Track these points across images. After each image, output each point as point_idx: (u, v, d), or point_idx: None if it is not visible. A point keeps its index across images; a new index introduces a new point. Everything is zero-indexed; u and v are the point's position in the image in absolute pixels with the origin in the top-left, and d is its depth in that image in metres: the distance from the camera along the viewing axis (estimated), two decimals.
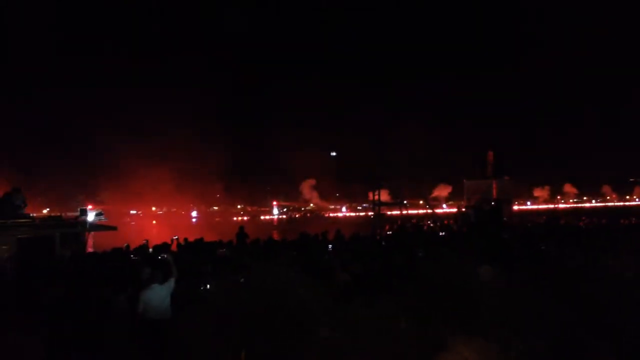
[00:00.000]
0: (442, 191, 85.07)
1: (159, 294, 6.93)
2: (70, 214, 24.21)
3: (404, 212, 28.97)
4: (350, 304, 3.90)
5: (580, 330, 3.61)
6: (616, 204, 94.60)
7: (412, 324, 3.38)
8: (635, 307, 4.25)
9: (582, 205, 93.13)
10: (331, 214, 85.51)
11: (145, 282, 7.28)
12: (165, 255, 8.27)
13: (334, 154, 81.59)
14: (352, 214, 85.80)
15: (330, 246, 12.51)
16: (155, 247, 12.85)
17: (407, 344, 3.12)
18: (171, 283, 7.17)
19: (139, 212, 64.51)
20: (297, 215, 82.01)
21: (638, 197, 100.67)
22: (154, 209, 69.41)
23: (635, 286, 5.36)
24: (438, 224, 25.56)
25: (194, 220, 67.69)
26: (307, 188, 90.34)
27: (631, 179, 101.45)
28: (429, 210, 40.48)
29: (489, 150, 30.25)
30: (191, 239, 15.01)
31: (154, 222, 57.00)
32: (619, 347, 3.39)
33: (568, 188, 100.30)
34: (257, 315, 3.27)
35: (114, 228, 16.80)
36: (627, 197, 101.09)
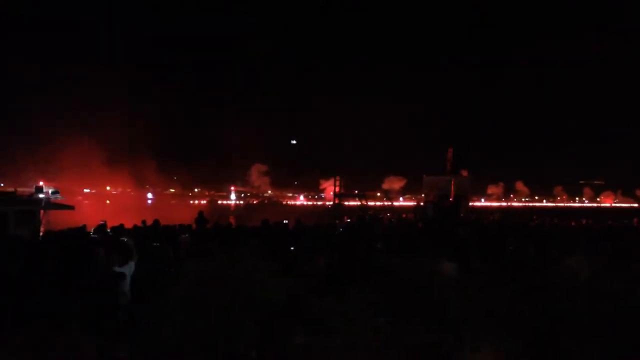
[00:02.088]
0: (394, 184, 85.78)
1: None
2: (21, 189, 23.32)
3: (363, 203, 29.20)
4: (323, 296, 3.88)
5: (549, 328, 3.68)
6: (566, 204, 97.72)
7: (388, 320, 3.38)
8: (595, 306, 4.37)
9: (534, 204, 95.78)
10: (289, 202, 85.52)
11: (102, 264, 7.10)
12: (125, 238, 8.10)
13: (294, 142, 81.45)
14: (310, 203, 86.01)
15: (291, 235, 12.49)
16: (113, 228, 12.57)
17: (387, 341, 3.12)
18: (131, 267, 7.01)
19: (93, 191, 62.94)
20: (254, 202, 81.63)
21: (587, 199, 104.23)
22: (108, 188, 67.91)
23: (593, 286, 5.51)
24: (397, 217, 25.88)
25: (149, 202, 66.56)
26: (256, 173, 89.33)
27: (581, 182, 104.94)
28: (387, 203, 40.97)
29: (449, 147, 30.77)
30: (148, 221, 14.76)
31: (108, 202, 55.79)
32: (589, 346, 3.48)
33: (520, 186, 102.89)
34: (227, 306, 3.21)
35: (71, 207, 16.35)
36: (577, 198, 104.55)
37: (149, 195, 70.07)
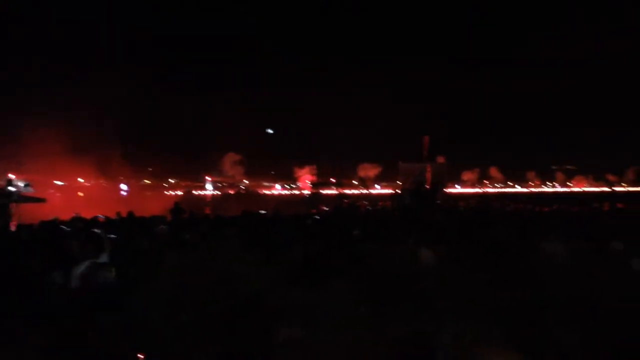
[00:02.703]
0: (369, 171, 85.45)
1: (92, 270, 6.64)
2: None
3: (340, 191, 29.23)
4: (305, 286, 3.83)
5: (532, 313, 3.70)
6: (539, 190, 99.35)
7: (369, 309, 3.35)
8: (576, 290, 4.41)
9: (508, 190, 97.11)
10: (266, 192, 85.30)
11: (77, 257, 6.96)
12: (98, 230, 7.94)
13: (270, 131, 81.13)
14: (287, 192, 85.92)
15: (269, 225, 12.43)
16: (86, 221, 12.38)
17: (368, 331, 3.09)
18: (105, 258, 6.88)
19: (65, 183, 61.85)
20: (231, 192, 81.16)
21: (559, 184, 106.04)
22: (80, 180, 66.84)
23: (569, 272, 5.57)
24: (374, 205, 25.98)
25: (123, 193, 65.74)
26: (228, 163, 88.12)
27: (553, 166, 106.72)
28: (365, 191, 41.13)
29: (424, 134, 30.91)
30: (122, 213, 14.60)
31: (80, 194, 54.96)
32: (574, 330, 3.50)
33: (494, 172, 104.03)
34: (211, 300, 3.15)
35: (42, 200, 16.08)
36: (549, 183, 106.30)
37: (123, 186, 69.18)
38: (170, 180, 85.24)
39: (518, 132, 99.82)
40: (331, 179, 29.24)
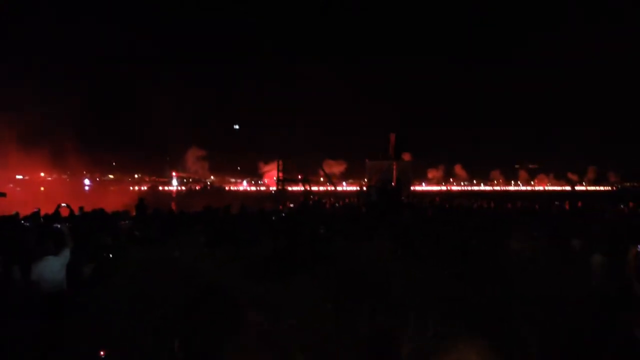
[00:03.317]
0: (334, 168, 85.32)
1: (52, 266, 6.49)
2: None
3: (307, 188, 29.17)
4: (272, 282, 3.82)
5: (495, 309, 3.76)
6: (503, 188, 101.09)
7: (334, 305, 3.35)
8: (535, 287, 4.49)
9: (472, 188, 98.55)
10: (232, 188, 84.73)
11: (36, 252, 6.78)
12: (59, 225, 7.75)
13: (236, 127, 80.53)
14: (253, 188, 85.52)
15: (234, 222, 12.31)
16: (47, 216, 12.06)
17: (334, 326, 3.10)
18: (66, 254, 6.73)
19: (26, 177, 60.34)
20: (197, 188, 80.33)
21: (522, 183, 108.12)
22: (42, 174, 65.31)
23: (533, 268, 5.69)
24: (340, 202, 26.01)
25: (86, 188, 64.50)
26: (192, 158, 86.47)
27: (516, 165, 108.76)
28: (331, 187, 41.21)
29: (390, 132, 31.01)
30: (85, 208, 14.28)
31: (42, 189, 53.71)
32: (536, 325, 3.57)
33: (458, 170, 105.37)
34: (176, 295, 3.10)
35: (2, 195, 15.60)
36: (513, 182, 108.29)
37: (86, 181, 67.86)
38: (135, 175, 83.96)
39: (483, 130, 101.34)
40: (298, 175, 29.23)
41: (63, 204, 12.27)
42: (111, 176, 79.16)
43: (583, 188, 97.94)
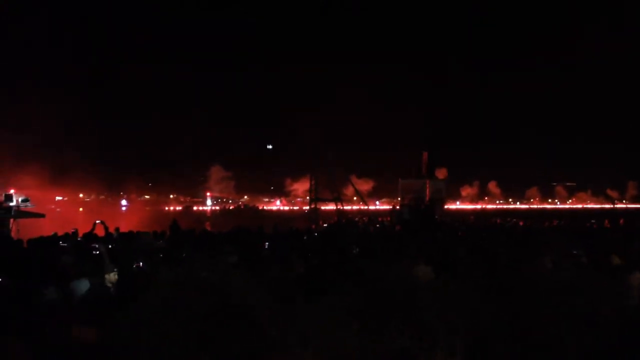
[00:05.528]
0: (361, 186, 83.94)
1: (90, 287, 6.61)
2: None
3: (339, 207, 29.19)
4: (301, 303, 3.81)
5: (527, 330, 3.68)
6: (539, 206, 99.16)
7: (363, 327, 3.32)
8: (571, 305, 4.38)
9: (508, 206, 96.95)
10: (265, 207, 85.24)
11: (74, 273, 6.94)
12: (98, 246, 7.92)
13: (270, 146, 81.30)
14: (287, 207, 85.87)
15: (266, 242, 12.37)
16: (85, 236, 12.33)
17: (362, 348, 3.07)
18: (103, 275, 6.86)
19: (65, 199, 61.91)
20: (231, 207, 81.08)
21: (559, 200, 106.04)
22: (81, 195, 66.92)
23: (569, 286, 5.54)
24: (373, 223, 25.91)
25: (123, 208, 65.76)
26: (215, 178, 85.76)
27: (553, 183, 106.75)
28: (364, 207, 41.14)
29: (423, 151, 30.93)
30: (122, 228, 14.53)
31: (81, 209, 55.01)
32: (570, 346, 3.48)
33: (493, 187, 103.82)
34: (203, 314, 3.13)
35: (41, 215, 16.03)
36: (550, 200, 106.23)
37: (123, 202, 69.22)
38: (170, 195, 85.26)
39: (521, 148, 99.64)
40: (331, 194, 29.25)
41: (98, 221, 12.52)
42: (147, 196, 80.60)
43: (623, 205, 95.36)
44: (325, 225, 23.58)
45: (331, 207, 30.75)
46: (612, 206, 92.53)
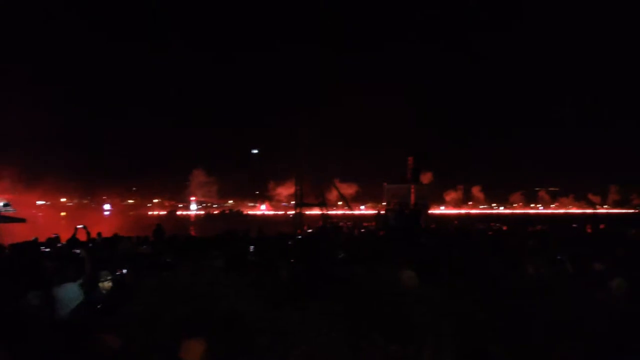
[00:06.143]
0: (345, 190, 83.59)
1: (71, 292, 6.54)
2: None
3: (324, 212, 29.08)
4: (287, 308, 3.81)
5: (512, 333, 3.71)
6: (523, 211, 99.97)
7: (342, 332, 3.33)
8: (556, 309, 4.42)
9: (491, 211, 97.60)
10: (250, 212, 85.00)
11: (56, 278, 6.84)
12: (80, 251, 7.82)
13: (255, 151, 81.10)
14: (272, 212, 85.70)
15: (252, 246, 12.29)
16: (68, 241, 12.17)
17: (347, 352, 3.08)
18: (85, 280, 6.78)
19: (47, 203, 61.26)
20: (215, 212, 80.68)
21: (542, 205, 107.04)
22: (63, 200, 66.28)
23: (551, 292, 5.59)
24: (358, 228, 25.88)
25: (106, 213, 65.18)
26: (195, 183, 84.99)
27: (536, 188, 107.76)
28: (348, 211, 41.13)
29: (409, 156, 30.91)
30: (104, 233, 14.37)
31: (63, 213, 54.45)
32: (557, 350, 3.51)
33: (476, 192, 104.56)
34: (189, 319, 3.11)
35: (22, 220, 15.82)
36: (533, 205, 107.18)
37: (106, 206, 68.64)
38: (154, 200, 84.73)
39: (503, 152, 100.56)
40: (315, 199, 29.13)
41: (80, 226, 12.32)
42: (131, 201, 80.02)
43: (605, 210, 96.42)
44: (310, 230, 23.51)
45: (316, 211, 30.67)
46: (593, 211, 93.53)
